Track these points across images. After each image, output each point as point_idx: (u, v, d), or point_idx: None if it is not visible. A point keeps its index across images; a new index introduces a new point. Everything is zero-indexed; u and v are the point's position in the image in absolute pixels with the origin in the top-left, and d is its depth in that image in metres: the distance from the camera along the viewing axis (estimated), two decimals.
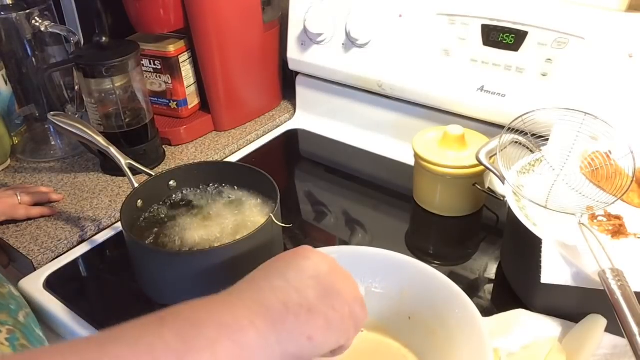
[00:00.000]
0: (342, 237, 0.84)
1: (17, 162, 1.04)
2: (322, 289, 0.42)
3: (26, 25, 0.96)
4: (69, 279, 0.78)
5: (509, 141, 0.71)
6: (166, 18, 0.98)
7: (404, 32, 0.93)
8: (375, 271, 0.61)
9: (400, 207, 0.91)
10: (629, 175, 0.65)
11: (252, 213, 0.76)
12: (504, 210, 0.70)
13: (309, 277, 0.42)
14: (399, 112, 1.00)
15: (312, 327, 0.40)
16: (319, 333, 0.40)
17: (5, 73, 1.01)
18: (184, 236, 0.73)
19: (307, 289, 0.41)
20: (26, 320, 0.67)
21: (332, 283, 0.43)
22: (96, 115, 0.96)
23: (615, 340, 0.59)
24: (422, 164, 0.82)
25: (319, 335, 0.40)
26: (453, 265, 0.77)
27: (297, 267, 0.43)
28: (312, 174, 1.03)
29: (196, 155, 1.04)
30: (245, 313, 0.38)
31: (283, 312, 0.39)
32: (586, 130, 0.69)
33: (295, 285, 0.41)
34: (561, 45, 0.79)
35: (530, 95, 0.82)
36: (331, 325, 0.41)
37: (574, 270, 0.57)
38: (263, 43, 1.08)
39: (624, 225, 0.64)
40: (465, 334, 0.53)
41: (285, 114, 1.16)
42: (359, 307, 0.45)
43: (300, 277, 0.42)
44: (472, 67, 0.87)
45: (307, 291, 0.41)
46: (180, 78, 1.05)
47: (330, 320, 0.41)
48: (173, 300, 0.70)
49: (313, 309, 0.40)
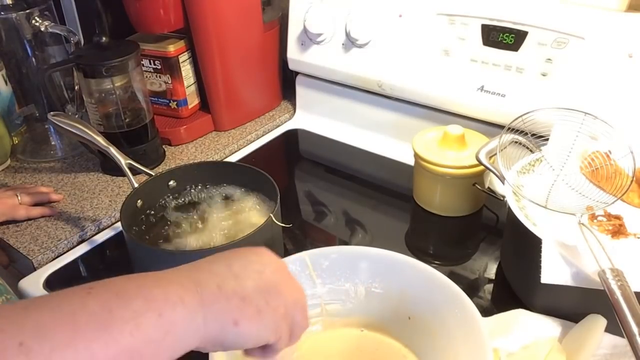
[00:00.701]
0: (342, 237, 0.84)
1: (17, 162, 1.04)
2: (262, 283, 0.42)
3: (26, 25, 0.96)
4: (69, 279, 0.78)
5: (509, 141, 0.71)
6: (166, 18, 0.98)
7: (404, 32, 0.93)
8: (375, 271, 0.61)
9: (400, 207, 0.91)
10: (629, 175, 0.65)
11: (252, 213, 0.76)
12: (503, 210, 0.70)
13: (253, 270, 0.43)
14: (399, 112, 1.00)
15: (241, 313, 0.40)
16: (246, 321, 0.40)
17: (5, 73, 1.01)
18: (184, 236, 0.73)
19: (247, 279, 0.41)
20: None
21: (274, 281, 0.43)
22: (96, 115, 0.96)
23: (615, 340, 0.59)
24: (422, 164, 0.82)
25: (245, 322, 0.40)
26: (453, 265, 0.77)
27: (244, 260, 0.43)
28: (312, 174, 1.03)
29: (196, 155, 1.04)
30: (177, 289, 0.38)
31: (215, 294, 0.39)
32: (586, 130, 0.69)
33: (236, 273, 0.41)
34: (561, 45, 0.79)
35: (530, 95, 0.82)
36: (261, 318, 0.41)
37: (573, 270, 0.57)
38: (263, 43, 1.08)
39: (623, 225, 0.63)
40: (465, 334, 0.53)
41: (285, 114, 1.16)
42: (300, 313, 0.45)
43: (244, 268, 0.42)
44: (472, 67, 0.87)
45: (246, 281, 0.41)
46: (180, 78, 1.05)
47: (261, 313, 0.41)
48: None
49: (246, 298, 0.40)
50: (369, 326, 0.63)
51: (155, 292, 0.36)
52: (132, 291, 0.36)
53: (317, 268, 0.61)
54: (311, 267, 0.61)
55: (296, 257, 0.61)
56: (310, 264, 0.61)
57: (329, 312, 0.63)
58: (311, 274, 0.61)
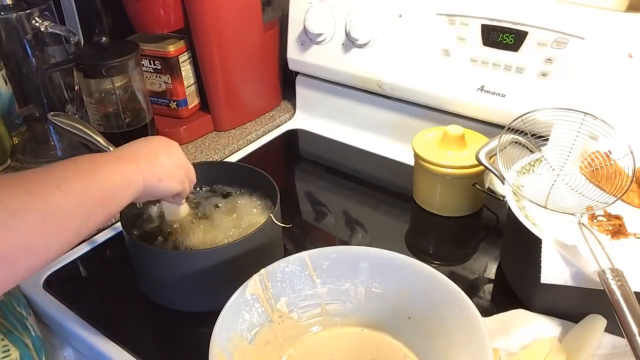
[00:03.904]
0: (342, 237, 0.84)
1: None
2: (170, 156, 0.63)
3: (26, 25, 0.95)
4: (69, 279, 0.79)
5: (509, 141, 0.71)
6: (166, 18, 0.98)
7: (403, 32, 0.93)
8: (375, 271, 0.61)
9: (400, 207, 0.91)
10: (629, 175, 0.65)
11: (252, 213, 0.76)
12: (503, 210, 0.70)
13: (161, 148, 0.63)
14: (399, 112, 1.00)
15: (162, 174, 0.61)
16: (165, 179, 0.61)
17: (5, 73, 1.01)
18: (184, 236, 0.73)
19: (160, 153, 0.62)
20: (6, 298, 0.68)
21: (178, 156, 0.65)
22: (96, 115, 0.96)
23: (615, 340, 0.59)
24: (422, 164, 0.82)
25: (165, 180, 0.61)
26: (453, 265, 0.77)
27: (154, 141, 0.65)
28: (312, 174, 1.03)
29: (196, 155, 1.04)
30: (125, 163, 0.57)
31: (146, 163, 0.59)
32: (586, 130, 0.69)
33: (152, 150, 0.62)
34: (561, 45, 0.79)
35: (530, 95, 0.82)
36: (173, 176, 0.63)
37: (573, 270, 0.57)
38: (263, 43, 1.08)
39: (623, 225, 0.63)
40: (465, 334, 0.53)
41: (285, 114, 1.16)
42: (191, 173, 0.68)
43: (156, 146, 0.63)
44: (472, 67, 0.87)
45: (160, 155, 0.62)
46: (180, 78, 1.05)
47: (173, 173, 0.63)
48: (173, 300, 0.71)
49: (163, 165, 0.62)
50: (369, 326, 0.63)
51: (116, 164, 0.55)
52: (103, 163, 0.54)
53: (317, 268, 0.61)
54: (311, 267, 0.61)
55: (296, 257, 0.61)
56: (310, 264, 0.61)
57: (329, 312, 0.63)
58: (311, 274, 0.61)
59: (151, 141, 0.65)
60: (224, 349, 0.52)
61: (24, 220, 0.43)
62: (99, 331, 0.69)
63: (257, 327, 0.58)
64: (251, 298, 0.57)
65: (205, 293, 0.68)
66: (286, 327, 0.60)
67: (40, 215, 0.45)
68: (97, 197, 0.51)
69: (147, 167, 0.59)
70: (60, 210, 0.46)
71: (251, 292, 0.57)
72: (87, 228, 0.50)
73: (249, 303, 0.57)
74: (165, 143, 0.65)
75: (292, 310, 0.61)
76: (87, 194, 0.50)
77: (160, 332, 0.71)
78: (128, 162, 0.57)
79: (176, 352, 0.67)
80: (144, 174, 0.58)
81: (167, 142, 0.66)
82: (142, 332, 0.71)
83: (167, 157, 0.63)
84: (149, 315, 0.72)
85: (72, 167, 0.52)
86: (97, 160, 0.54)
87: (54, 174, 0.49)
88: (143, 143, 0.63)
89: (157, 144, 0.64)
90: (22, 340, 0.65)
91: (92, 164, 0.53)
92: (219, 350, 0.51)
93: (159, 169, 0.61)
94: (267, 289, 0.59)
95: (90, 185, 0.50)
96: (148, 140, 0.65)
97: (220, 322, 0.53)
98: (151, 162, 0.60)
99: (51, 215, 0.46)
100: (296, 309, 0.61)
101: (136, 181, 0.57)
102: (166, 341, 0.69)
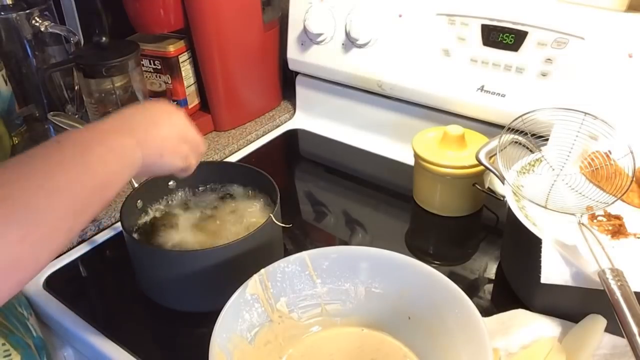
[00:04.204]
0: (342, 237, 0.84)
1: None
2: (173, 129, 0.56)
3: (26, 25, 0.95)
4: (69, 279, 0.78)
5: (509, 141, 0.71)
6: (166, 18, 0.98)
7: (403, 32, 0.93)
8: (375, 271, 0.61)
9: (400, 207, 0.91)
10: (629, 175, 0.65)
11: (252, 213, 0.76)
12: (503, 210, 0.70)
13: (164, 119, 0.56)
14: (399, 112, 1.00)
15: (163, 149, 0.54)
16: (167, 154, 0.54)
17: (5, 73, 1.01)
18: (184, 236, 0.73)
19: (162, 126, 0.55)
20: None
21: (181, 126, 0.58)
22: (96, 115, 0.96)
23: (615, 340, 0.59)
24: (422, 164, 0.82)
25: (167, 155, 0.54)
26: (453, 265, 0.77)
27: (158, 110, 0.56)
28: (312, 174, 1.03)
29: None
30: (122, 138, 0.49)
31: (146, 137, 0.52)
32: (586, 130, 0.69)
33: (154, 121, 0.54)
34: (561, 45, 0.79)
35: (530, 95, 0.82)
36: (176, 152, 0.56)
37: (573, 270, 0.57)
38: (263, 43, 1.08)
39: (623, 225, 0.63)
40: (465, 334, 0.53)
41: (285, 114, 1.16)
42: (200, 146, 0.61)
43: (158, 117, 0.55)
44: (472, 67, 0.87)
45: (162, 127, 0.55)
46: (180, 78, 1.05)
47: (175, 149, 0.56)
48: (173, 300, 0.71)
49: (165, 139, 0.54)
50: (369, 326, 0.63)
51: (109, 141, 0.48)
52: (91, 142, 0.46)
53: (317, 268, 0.61)
54: (311, 267, 0.61)
55: (296, 257, 0.61)
56: (310, 264, 0.61)
57: (329, 312, 0.63)
58: (311, 274, 0.61)
59: (150, 108, 0.56)
60: (224, 349, 0.52)
61: (4, 235, 0.37)
62: (99, 331, 0.69)
63: (257, 327, 0.58)
64: (251, 298, 0.57)
65: (205, 293, 0.68)
66: (286, 327, 0.60)
67: (23, 225, 0.38)
68: (88, 188, 0.44)
69: (146, 141, 0.51)
70: (45, 214, 0.40)
71: (251, 292, 0.57)
72: (80, 225, 0.44)
73: (249, 303, 0.57)
74: (167, 110, 0.57)
75: (292, 310, 0.61)
76: (76, 188, 0.43)
77: (160, 332, 0.71)
78: (123, 135, 0.49)
79: (176, 352, 0.67)
80: (142, 149, 0.50)
81: (169, 109, 0.57)
82: (142, 332, 0.71)
83: (170, 127, 0.55)
84: (149, 315, 0.72)
85: (55, 155, 0.44)
86: (84, 140, 0.46)
87: (33, 168, 0.41)
88: (140, 110, 0.55)
89: (158, 110, 0.56)
90: (24, 341, 0.65)
91: (79, 146, 0.45)
92: (219, 350, 0.51)
93: (160, 142, 0.53)
94: (267, 289, 0.59)
95: (78, 176, 0.43)
96: (147, 106, 0.56)
97: (220, 322, 0.53)
98: (151, 135, 0.52)
99: (35, 223, 0.39)
100: (296, 309, 0.61)
101: (134, 159, 0.49)
102: (166, 341, 0.69)
